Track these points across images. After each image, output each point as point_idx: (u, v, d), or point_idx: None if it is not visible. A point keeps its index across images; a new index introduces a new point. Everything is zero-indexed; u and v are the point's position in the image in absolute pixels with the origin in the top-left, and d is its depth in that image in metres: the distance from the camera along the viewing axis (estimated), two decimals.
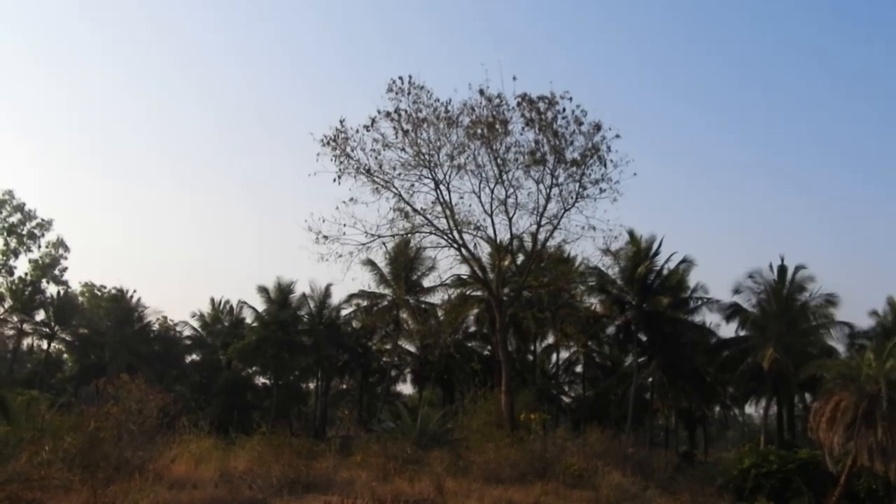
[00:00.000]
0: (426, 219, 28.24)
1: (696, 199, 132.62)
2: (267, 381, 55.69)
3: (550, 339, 47.35)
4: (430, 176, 26.81)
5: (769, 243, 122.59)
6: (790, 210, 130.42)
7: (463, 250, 27.81)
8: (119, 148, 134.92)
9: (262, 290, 51.67)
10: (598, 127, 27.44)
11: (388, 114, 28.07)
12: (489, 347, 43.56)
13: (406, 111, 27.69)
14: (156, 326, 59.44)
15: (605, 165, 27.30)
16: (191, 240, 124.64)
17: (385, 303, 45.50)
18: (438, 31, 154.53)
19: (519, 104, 28.19)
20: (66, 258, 53.54)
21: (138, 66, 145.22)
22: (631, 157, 36.49)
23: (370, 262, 41.23)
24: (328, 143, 28.73)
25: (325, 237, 27.25)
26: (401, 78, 26.79)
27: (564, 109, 27.98)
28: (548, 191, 28.53)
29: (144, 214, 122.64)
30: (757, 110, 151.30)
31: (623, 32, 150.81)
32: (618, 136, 27.53)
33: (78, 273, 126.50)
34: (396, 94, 27.05)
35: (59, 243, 53.16)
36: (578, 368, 52.81)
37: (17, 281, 52.43)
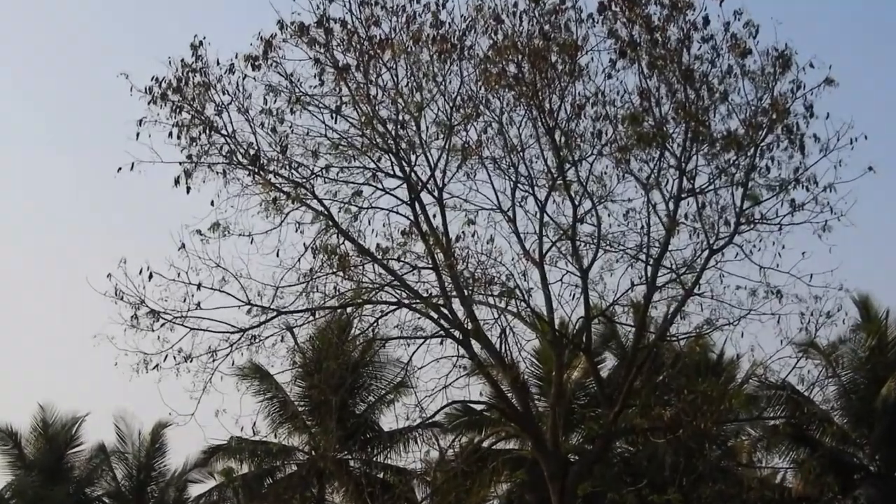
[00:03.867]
0: (390, 271, 18.86)
1: None
2: None
3: None
4: (400, 171, 18.29)
5: None
6: None
7: (474, 343, 18.37)
8: None
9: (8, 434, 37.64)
10: (784, 60, 17.74)
11: (300, 28, 19.17)
12: None
13: (345, 22, 19.28)
14: None
15: (801, 149, 19.29)
16: None
17: (292, 467, 33.68)
18: None
19: (604, 7, 19.53)
20: None
21: None
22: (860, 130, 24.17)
23: (257, 371, 31.19)
24: (162, 94, 19.05)
25: (154, 315, 18.62)
26: None
27: (707, 21, 19.93)
28: (674, 203, 18.71)
29: None
30: None
31: None
32: (830, 82, 18.00)
33: None
34: None
35: None
36: None
37: None
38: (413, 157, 18.60)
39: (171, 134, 18.02)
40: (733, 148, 18.37)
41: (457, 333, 18.35)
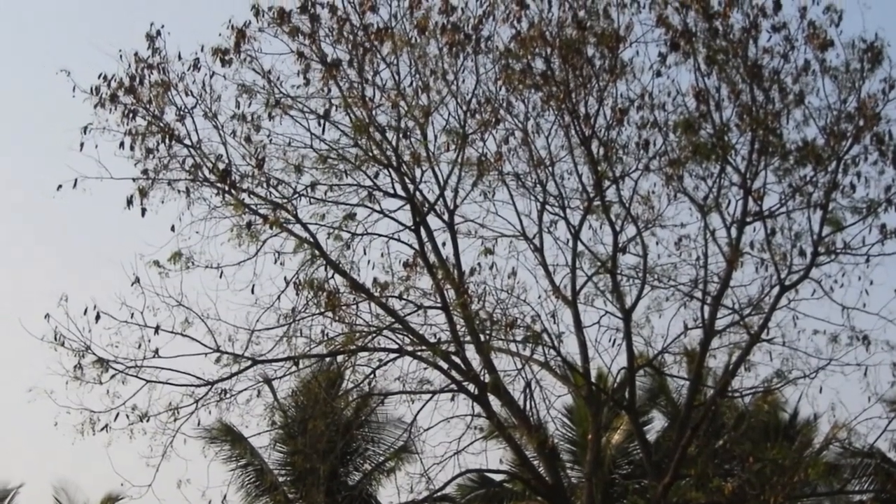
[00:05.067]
0: (389, 311, 19.06)
1: None
2: None
3: None
4: (402, 189, 17.14)
5: None
6: None
7: (492, 399, 19.42)
8: None
9: None
10: (873, 53, 18.04)
11: (280, 15, 19.23)
12: None
13: (334, 8, 18.49)
14: None
15: (893, 163, 18.45)
16: None
17: None
18: None
19: None
20: None
21: None
22: None
23: (228, 432, 32.24)
24: (111, 96, 19.35)
25: (103, 364, 18.98)
26: None
27: (778, 5, 19.18)
28: (737, 229, 18.79)
29: None
30: None
31: None
32: None
33: None
34: None
35: None
36: None
37: None
38: (418, 173, 18.43)
39: (122, 144, 17.98)
40: (810, 162, 18.15)
41: (471, 387, 18.26)
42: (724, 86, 18.07)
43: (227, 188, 17.98)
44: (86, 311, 17.34)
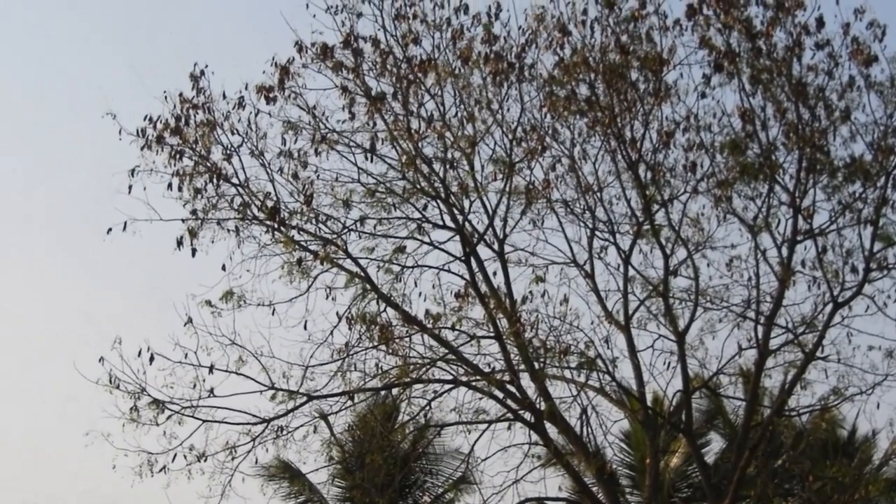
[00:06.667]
0: (443, 342, 18.72)
1: None
2: None
3: None
4: (451, 220, 17.33)
5: None
6: None
7: (548, 427, 18.92)
8: None
9: None
10: None
11: (323, 51, 18.97)
12: None
13: (377, 41, 17.62)
14: None
15: None
16: None
17: None
18: None
19: (694, 11, 19.01)
20: None
21: None
22: None
23: (286, 469, 31.27)
24: (158, 137, 19.01)
25: (159, 405, 18.83)
26: None
27: (821, 23, 19.17)
28: (788, 248, 18.61)
29: None
30: None
31: None
32: None
33: None
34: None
35: None
36: None
37: None
38: (466, 203, 18.42)
39: (170, 185, 18.06)
40: (859, 178, 18.08)
41: (527, 416, 18.15)
42: (769, 105, 18.00)
43: (276, 225, 17.91)
44: (140, 352, 17.30)
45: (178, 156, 18.14)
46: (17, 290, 57.58)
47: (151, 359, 17.56)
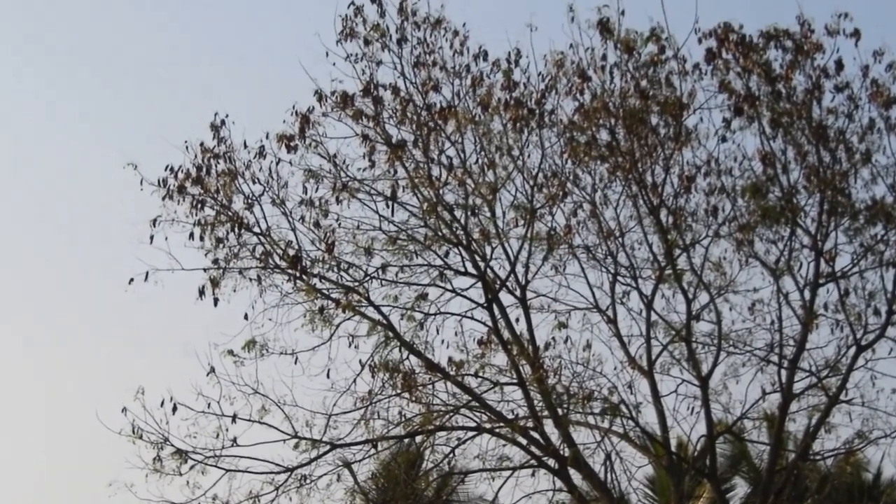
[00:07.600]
0: (466, 389, 18.53)
1: None
2: None
3: None
4: (473, 266, 16.76)
5: None
6: None
7: (572, 473, 18.43)
8: None
9: None
10: None
11: (343, 99, 18.69)
12: None
13: (397, 89, 17.96)
14: None
15: None
16: None
17: None
18: None
19: (713, 55, 19.07)
20: None
21: None
22: None
23: None
24: (179, 187, 18.81)
25: (182, 455, 18.44)
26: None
27: (840, 65, 18.87)
28: (810, 291, 18.47)
29: None
30: None
31: None
32: None
33: None
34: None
35: None
36: None
37: None
38: (488, 250, 18.31)
39: (191, 235, 18.03)
40: (881, 220, 18.06)
41: (551, 462, 18.03)
42: (790, 148, 18.03)
43: (298, 274, 17.84)
44: (162, 402, 17.35)
45: (199, 205, 18.15)
46: (39, 341, 58.25)
47: (174, 408, 17.53)
